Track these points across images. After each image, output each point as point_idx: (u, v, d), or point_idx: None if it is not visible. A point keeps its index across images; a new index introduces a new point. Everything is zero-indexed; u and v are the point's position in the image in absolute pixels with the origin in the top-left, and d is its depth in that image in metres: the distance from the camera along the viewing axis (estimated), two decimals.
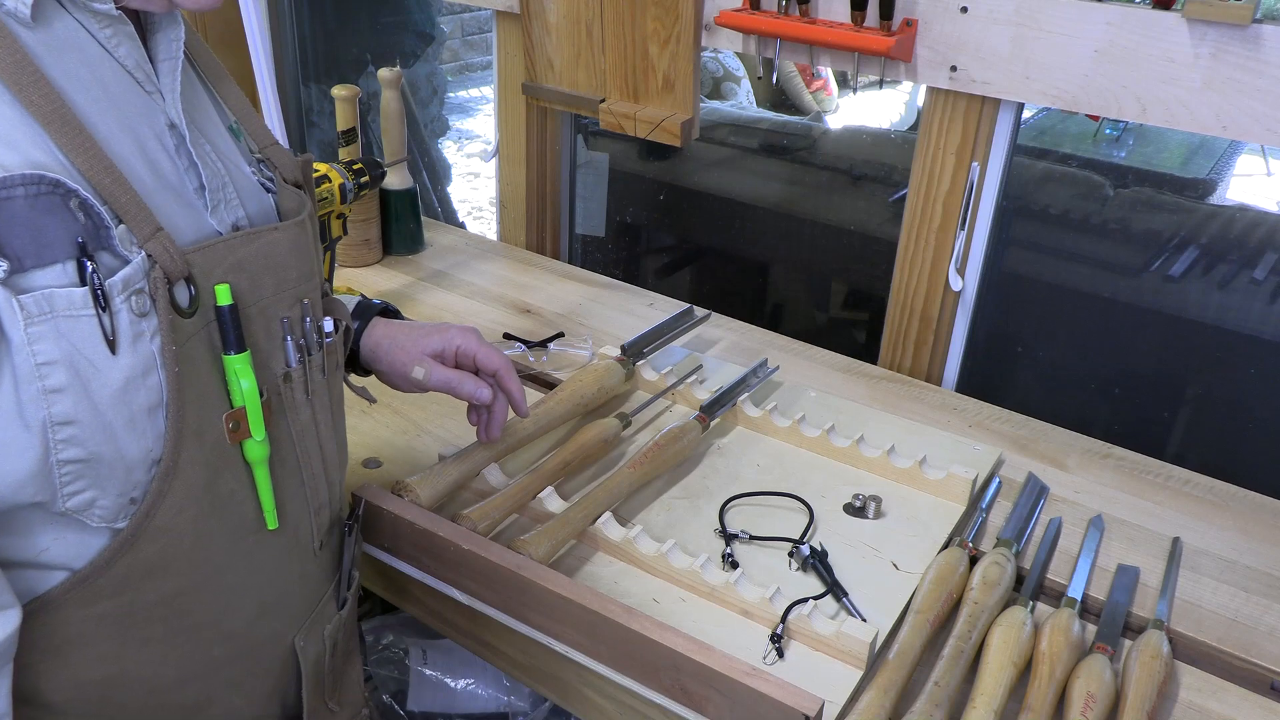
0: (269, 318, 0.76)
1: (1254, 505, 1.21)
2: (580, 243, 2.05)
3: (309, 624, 0.89)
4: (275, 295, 0.76)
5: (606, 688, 0.97)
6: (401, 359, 1.01)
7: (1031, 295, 1.65)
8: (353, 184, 1.57)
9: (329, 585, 0.92)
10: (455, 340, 1.02)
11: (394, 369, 1.02)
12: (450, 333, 1.02)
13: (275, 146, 0.83)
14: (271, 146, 0.83)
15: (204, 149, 0.74)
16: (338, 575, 0.93)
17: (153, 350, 0.67)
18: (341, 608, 0.94)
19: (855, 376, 1.46)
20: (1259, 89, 1.15)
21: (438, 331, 1.02)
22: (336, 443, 0.87)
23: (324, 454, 0.84)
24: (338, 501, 0.90)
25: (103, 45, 0.68)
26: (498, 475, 1.13)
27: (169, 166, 0.71)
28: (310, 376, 0.80)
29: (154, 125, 0.71)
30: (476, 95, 5.87)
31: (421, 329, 1.03)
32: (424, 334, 1.02)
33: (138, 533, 0.70)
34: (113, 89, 0.68)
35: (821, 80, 4.46)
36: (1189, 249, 1.55)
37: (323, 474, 0.85)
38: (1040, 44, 1.25)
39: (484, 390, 1.02)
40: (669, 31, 1.49)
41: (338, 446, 0.88)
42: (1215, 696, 0.94)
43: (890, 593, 1.02)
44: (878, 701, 0.87)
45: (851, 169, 2.02)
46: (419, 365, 1.01)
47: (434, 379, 1.00)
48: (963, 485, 1.15)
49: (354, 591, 0.97)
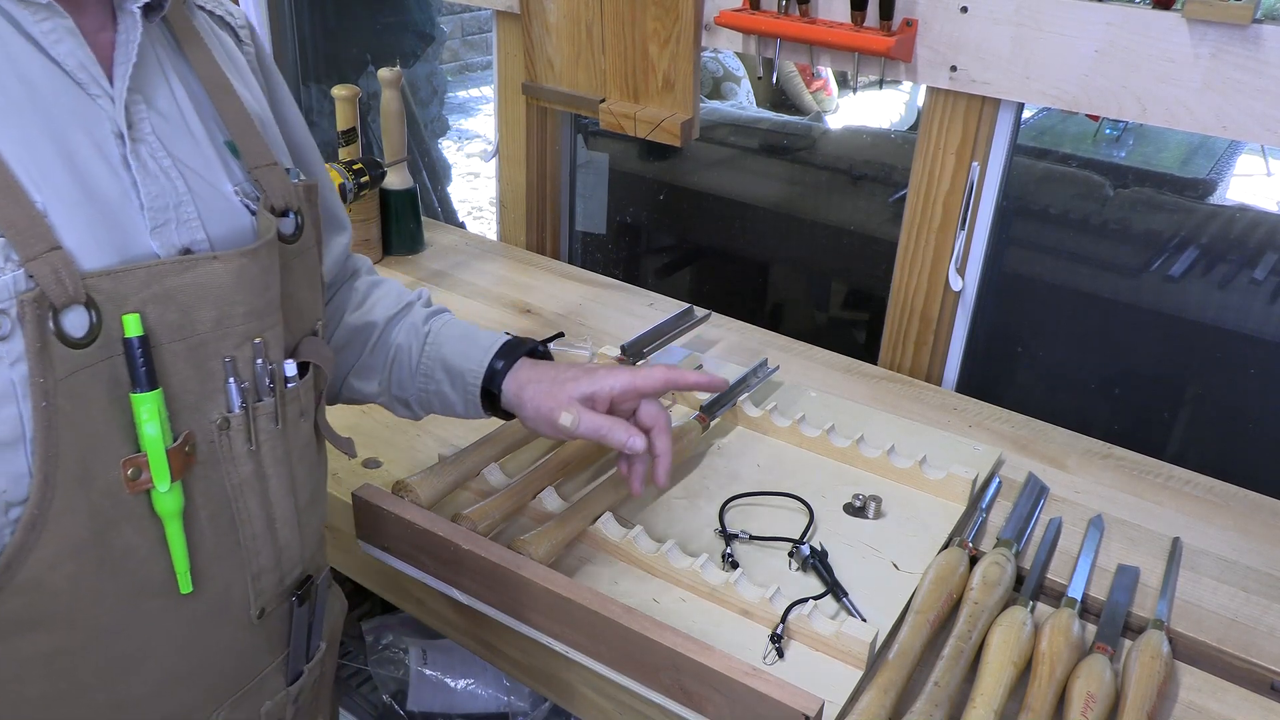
0: (205, 356, 0.68)
1: (1254, 505, 1.21)
2: (580, 242, 2.05)
3: (237, 699, 0.80)
4: (216, 332, 0.68)
5: (606, 688, 0.97)
6: (549, 405, 0.94)
7: (1031, 295, 1.65)
8: (353, 184, 1.57)
9: (274, 657, 0.83)
10: (608, 383, 0.94)
11: (540, 415, 0.95)
12: (600, 375, 0.94)
13: (271, 168, 0.75)
14: (265, 168, 0.75)
15: (159, 162, 0.68)
16: (289, 647, 0.83)
17: (12, 379, 0.60)
18: (294, 681, 0.85)
19: (855, 376, 1.46)
20: (1259, 89, 1.15)
21: (587, 374, 0.95)
22: (298, 500, 0.79)
23: (273, 513, 0.76)
24: (293, 564, 0.80)
25: (36, 42, 0.63)
26: (498, 475, 1.13)
27: (107, 179, 0.65)
28: (256, 425, 0.72)
29: (94, 132, 0.65)
30: (476, 95, 5.87)
31: (569, 371, 0.96)
32: (573, 377, 0.95)
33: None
34: (40, 89, 0.63)
35: (821, 80, 4.46)
36: (1189, 249, 1.55)
37: (267, 534, 0.76)
38: (1040, 44, 1.25)
39: (637, 439, 0.93)
40: (669, 31, 1.49)
41: (302, 504, 0.79)
42: (1215, 696, 0.94)
43: (890, 593, 1.02)
44: (878, 701, 0.87)
45: (851, 169, 2.02)
46: (567, 411, 0.93)
47: (583, 426, 0.93)
48: (963, 485, 1.15)
49: (316, 663, 0.88)
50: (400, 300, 1.03)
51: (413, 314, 1.02)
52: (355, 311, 1.00)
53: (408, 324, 1.00)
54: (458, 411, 1.00)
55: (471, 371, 0.97)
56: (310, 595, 0.83)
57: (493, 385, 0.97)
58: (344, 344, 1.00)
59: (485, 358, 0.97)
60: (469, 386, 0.97)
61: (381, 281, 1.05)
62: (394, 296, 1.03)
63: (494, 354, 0.98)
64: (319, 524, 0.85)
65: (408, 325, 1.00)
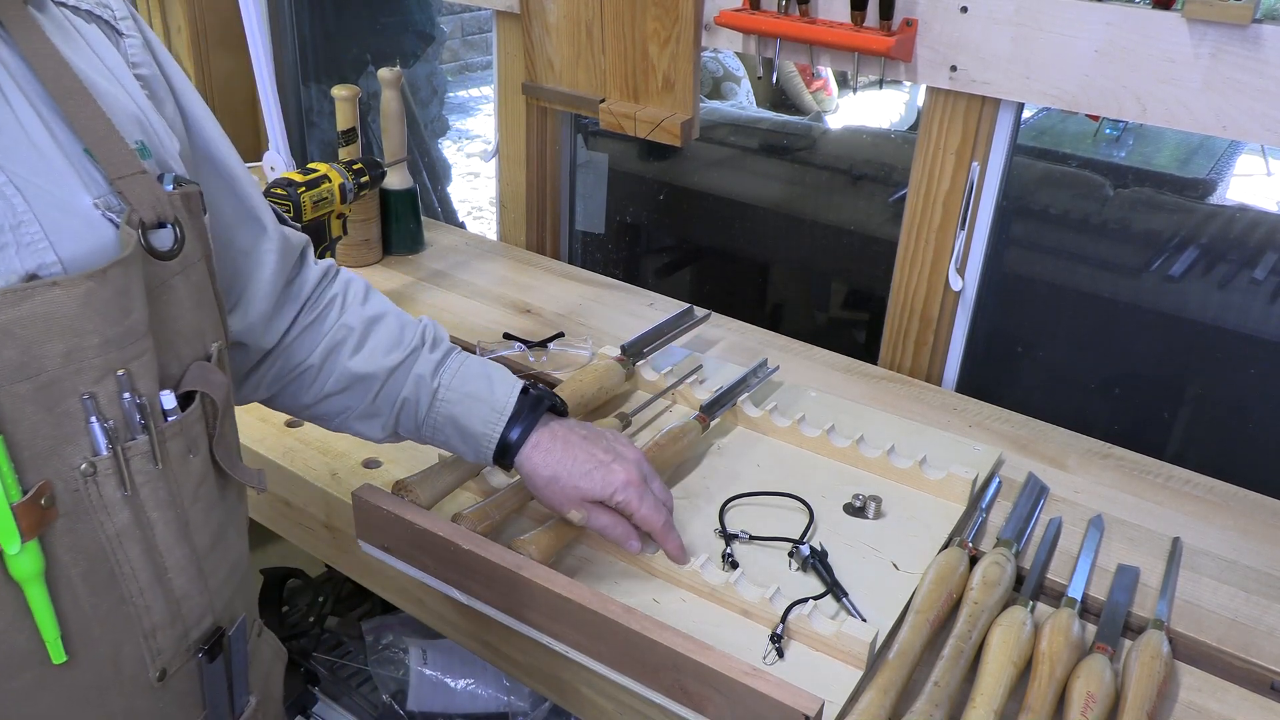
0: (58, 395, 0.60)
1: (1254, 505, 1.21)
2: (580, 242, 2.05)
3: None
4: (67, 367, 0.60)
5: (606, 688, 0.97)
6: (560, 500, 0.97)
7: (1031, 295, 1.65)
8: (353, 184, 1.57)
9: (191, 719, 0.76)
10: (618, 496, 0.96)
11: (550, 503, 0.98)
12: (614, 480, 0.96)
13: (137, 177, 0.66)
14: (131, 177, 0.66)
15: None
16: (205, 708, 0.76)
17: None
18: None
19: (855, 376, 1.46)
20: (1259, 89, 1.15)
21: (602, 476, 0.96)
22: (195, 545, 0.71)
23: (162, 562, 0.69)
24: (198, 616, 0.73)
25: None
26: (498, 475, 1.13)
27: None
28: (129, 467, 0.64)
29: None
30: (476, 95, 5.87)
31: (583, 466, 0.95)
32: (585, 475, 0.95)
33: None
34: None
35: (821, 80, 4.46)
36: (1189, 249, 1.55)
37: (156, 587, 0.68)
38: (1040, 44, 1.25)
39: (634, 543, 0.99)
40: (669, 31, 1.49)
41: (203, 548, 0.72)
42: (1215, 696, 0.94)
43: (890, 593, 1.02)
44: (878, 701, 0.87)
45: (851, 169, 2.02)
46: (577, 510, 0.97)
47: (591, 524, 0.98)
48: (963, 485, 1.15)
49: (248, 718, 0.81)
50: (403, 343, 0.96)
51: (419, 364, 0.96)
52: (354, 356, 0.94)
53: (414, 376, 0.96)
54: (467, 459, 1.00)
55: (486, 437, 0.96)
56: (222, 649, 0.75)
57: (505, 456, 0.97)
58: (343, 389, 0.95)
59: (500, 423, 0.96)
60: (481, 450, 0.97)
61: (380, 318, 0.97)
62: (394, 337, 0.96)
63: (508, 419, 0.96)
64: (232, 567, 0.78)
65: (414, 378, 0.96)
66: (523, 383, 0.99)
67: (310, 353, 0.94)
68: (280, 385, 0.94)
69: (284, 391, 0.95)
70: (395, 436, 0.99)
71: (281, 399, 0.96)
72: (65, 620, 0.64)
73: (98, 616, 0.66)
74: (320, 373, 0.94)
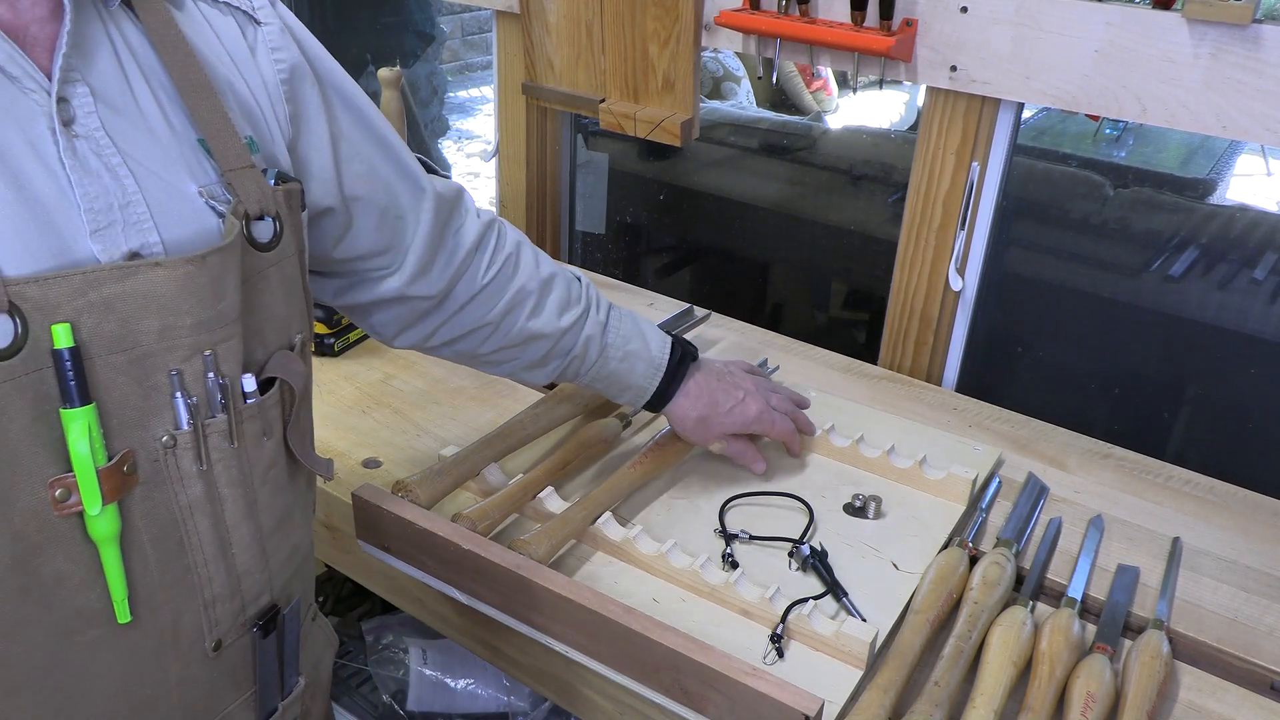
0: (149, 369, 0.64)
1: (1254, 505, 1.21)
2: (580, 242, 2.05)
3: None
4: (161, 343, 0.64)
5: (606, 688, 0.97)
6: (707, 436, 1.15)
7: (1031, 295, 1.65)
8: None
9: (239, 693, 0.77)
10: (754, 426, 1.16)
11: (696, 439, 1.16)
12: (749, 414, 1.15)
13: (247, 171, 0.70)
14: (241, 170, 0.70)
15: (105, 159, 0.64)
16: (256, 683, 0.78)
17: None
18: (267, 719, 0.80)
19: (855, 376, 1.46)
20: (1259, 89, 1.15)
21: (740, 412, 1.14)
22: (261, 524, 0.74)
23: (227, 537, 0.71)
24: (256, 593, 0.75)
25: None
26: (498, 475, 1.13)
27: (41, 178, 0.61)
28: (207, 443, 0.68)
29: (27, 129, 0.61)
30: (476, 95, 5.87)
31: (725, 405, 1.14)
32: (727, 413, 1.14)
33: None
34: None
35: (821, 80, 4.46)
36: (1189, 249, 1.55)
37: (220, 560, 0.71)
38: (1040, 44, 1.25)
39: (760, 464, 1.18)
40: (669, 31, 1.49)
41: (267, 528, 0.75)
42: (1215, 696, 0.94)
43: (890, 593, 1.02)
44: (877, 701, 0.87)
45: (851, 169, 2.02)
46: (719, 443, 1.16)
47: (729, 451, 1.17)
48: (963, 485, 1.15)
49: (294, 700, 0.82)
50: (572, 304, 1.06)
51: (588, 324, 1.07)
52: (534, 318, 1.03)
53: (585, 336, 1.06)
54: (616, 400, 1.16)
55: (644, 390, 1.11)
56: (276, 626, 0.77)
57: (658, 404, 1.13)
58: (519, 343, 1.04)
59: (657, 377, 1.11)
60: (638, 399, 1.13)
61: (552, 280, 1.05)
62: (565, 298, 1.06)
63: (664, 372, 1.10)
64: (291, 550, 0.80)
65: (585, 338, 1.06)
66: (670, 337, 1.13)
67: (490, 310, 1.01)
68: (457, 337, 1.02)
69: (460, 341, 1.03)
70: (552, 382, 1.12)
71: (455, 347, 1.04)
72: (133, 583, 0.67)
73: (163, 583, 0.68)
74: (498, 330, 1.03)
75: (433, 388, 1.37)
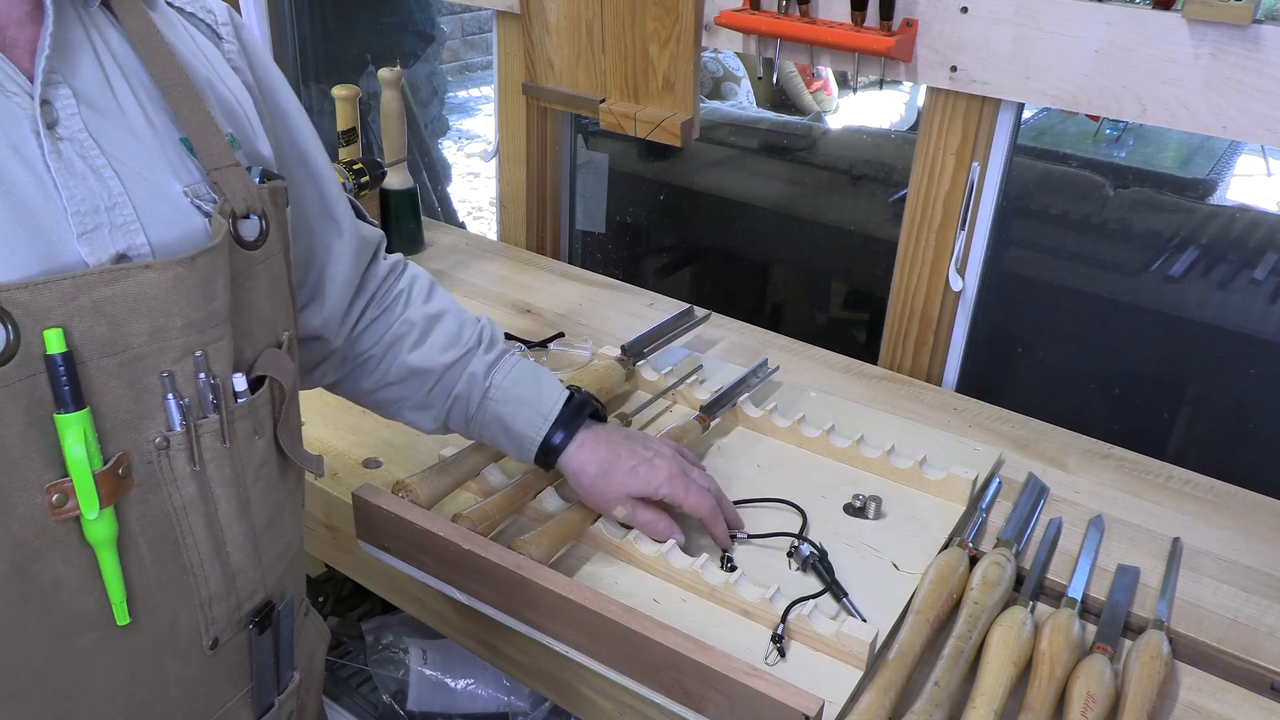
0: (140, 372, 0.64)
1: (1254, 505, 1.21)
2: (580, 242, 2.05)
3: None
4: (151, 345, 0.64)
5: (606, 688, 0.97)
6: (606, 497, 1.02)
7: (1031, 295, 1.65)
8: (353, 184, 1.57)
9: (237, 690, 0.78)
10: (663, 490, 1.02)
11: (594, 501, 1.04)
12: (658, 475, 1.02)
13: (232, 169, 0.70)
14: (226, 169, 0.70)
15: (90, 161, 0.63)
16: (253, 679, 0.79)
17: None
18: (263, 715, 0.81)
19: (855, 376, 1.46)
20: (1259, 89, 1.15)
21: (646, 471, 1.02)
22: (254, 522, 0.74)
23: (222, 536, 0.72)
24: (250, 590, 0.76)
25: None
26: (498, 475, 1.13)
27: (26, 182, 0.60)
28: (200, 443, 0.68)
29: (10, 133, 0.61)
30: (476, 95, 5.87)
31: (627, 463, 1.01)
32: (630, 472, 1.01)
33: None
34: None
35: (821, 80, 4.46)
36: (1189, 249, 1.55)
37: (216, 559, 0.72)
38: (1040, 44, 1.25)
39: (678, 536, 1.04)
40: (669, 31, 1.49)
41: (260, 526, 0.75)
42: (1215, 696, 0.94)
43: (890, 593, 1.02)
44: (878, 701, 0.87)
45: (851, 169, 2.02)
46: (622, 506, 1.02)
47: (636, 520, 1.03)
48: (963, 485, 1.15)
49: (290, 695, 0.83)
50: (460, 342, 1.02)
51: (474, 363, 1.02)
52: (414, 351, 1.00)
53: (468, 374, 1.02)
54: (512, 457, 1.06)
55: (530, 439, 1.02)
56: (271, 622, 0.78)
57: (548, 457, 1.03)
58: (401, 380, 1.01)
59: (544, 426, 1.02)
60: (525, 451, 1.03)
61: (441, 316, 1.02)
62: (453, 335, 1.02)
63: (552, 423, 1.01)
64: (284, 547, 0.80)
65: (468, 376, 1.02)
66: (569, 390, 1.04)
67: (374, 344, 0.99)
68: (344, 371, 1.01)
69: (347, 377, 1.01)
70: (445, 429, 1.05)
71: (344, 384, 1.02)
72: (130, 585, 0.67)
73: (160, 584, 0.69)
74: (381, 363, 1.00)
75: None
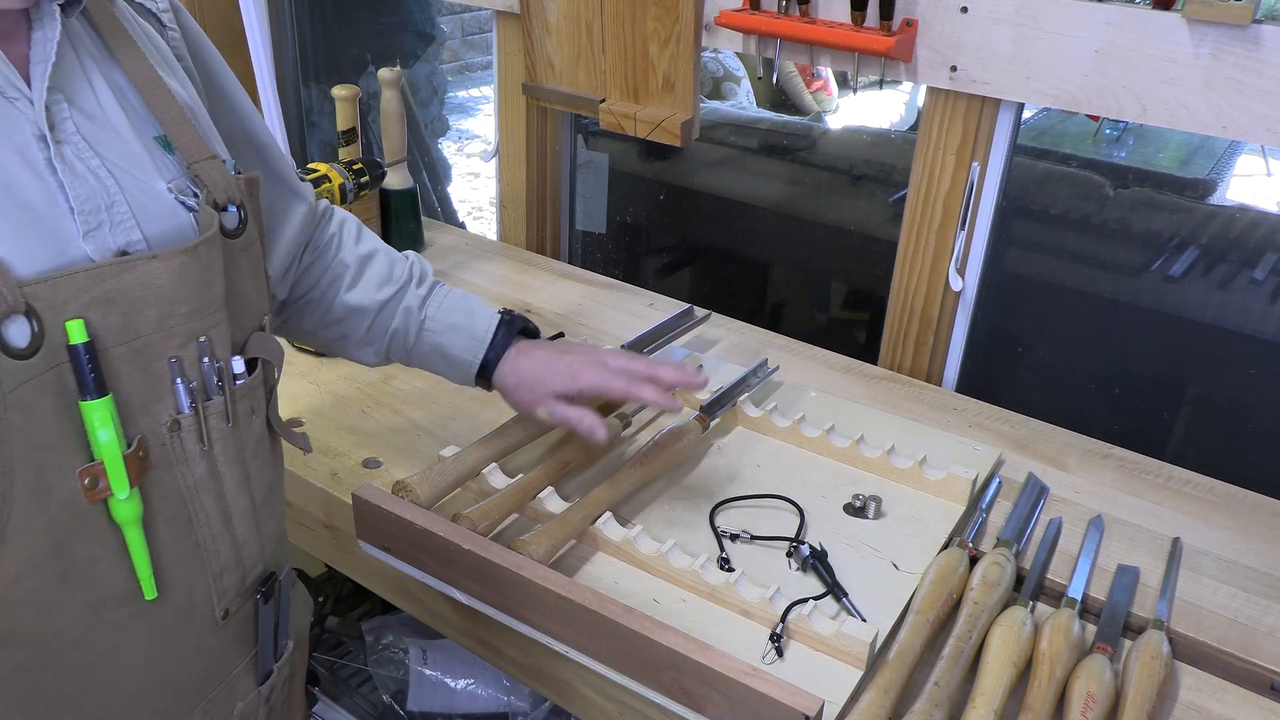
0: (150, 358, 0.67)
1: (1254, 505, 1.21)
2: (580, 242, 2.05)
3: (210, 702, 0.80)
4: (159, 332, 0.67)
5: (606, 688, 0.97)
6: (529, 400, 1.06)
7: (1031, 295, 1.65)
8: (353, 184, 1.57)
9: (242, 657, 0.83)
10: (580, 381, 1.04)
11: (522, 409, 1.09)
12: (580, 373, 1.04)
13: (210, 161, 0.73)
14: (205, 161, 0.73)
15: (86, 163, 0.66)
16: (256, 646, 0.84)
17: None
18: (264, 681, 0.85)
19: (855, 376, 1.46)
20: (1259, 89, 1.15)
21: (566, 369, 1.04)
22: (254, 497, 0.78)
23: (230, 511, 0.76)
24: (254, 562, 0.80)
25: None
26: (498, 475, 1.13)
27: (31, 184, 0.63)
28: (207, 424, 0.72)
29: (14, 137, 0.63)
30: (476, 95, 5.87)
31: (550, 366, 1.05)
32: (552, 373, 1.05)
33: None
34: None
35: (821, 80, 4.46)
36: (1189, 249, 1.55)
37: (226, 533, 0.76)
38: (1040, 44, 1.25)
39: (599, 431, 1.05)
40: (669, 31, 1.49)
41: (259, 500, 0.79)
42: (1215, 696, 0.94)
43: (890, 593, 1.02)
44: (878, 701, 0.87)
45: (851, 169, 2.02)
46: (543, 407, 1.05)
47: (557, 418, 1.06)
48: (963, 485, 1.15)
49: (285, 661, 0.88)
50: (393, 279, 1.06)
51: (407, 297, 1.06)
52: (350, 290, 1.04)
53: (403, 309, 1.06)
54: (450, 380, 1.11)
55: (467, 363, 1.08)
56: (274, 592, 0.82)
57: (485, 373, 1.08)
58: (340, 319, 1.05)
59: (480, 349, 1.07)
60: (464, 375, 1.09)
61: (372, 255, 1.06)
62: (385, 272, 1.06)
63: (488, 345, 1.07)
64: (277, 520, 0.85)
65: (403, 310, 1.06)
66: (500, 312, 1.09)
67: (312, 287, 1.04)
68: (286, 315, 1.05)
69: (290, 320, 1.05)
70: (387, 361, 1.10)
71: (287, 326, 1.06)
72: (153, 562, 0.70)
73: (177, 559, 0.73)
74: (319, 304, 1.04)
75: (433, 388, 1.37)
